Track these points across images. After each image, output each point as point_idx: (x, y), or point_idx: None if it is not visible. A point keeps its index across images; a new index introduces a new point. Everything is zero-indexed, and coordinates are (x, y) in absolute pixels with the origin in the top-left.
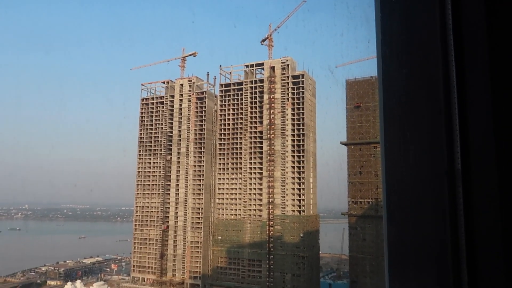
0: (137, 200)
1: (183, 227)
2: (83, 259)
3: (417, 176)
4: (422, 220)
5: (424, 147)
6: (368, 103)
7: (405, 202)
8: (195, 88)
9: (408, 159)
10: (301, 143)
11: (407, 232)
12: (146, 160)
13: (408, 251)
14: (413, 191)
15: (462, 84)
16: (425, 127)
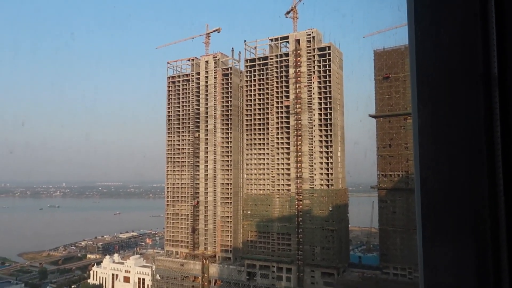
0: (168, 177)
1: (213, 203)
2: (119, 234)
3: (452, 149)
4: (457, 191)
5: (459, 120)
6: (398, 74)
7: (438, 173)
8: (220, 64)
9: (442, 130)
10: (328, 117)
11: (440, 203)
12: (175, 138)
13: (442, 222)
14: (447, 163)
15: (503, 53)
16: (461, 98)
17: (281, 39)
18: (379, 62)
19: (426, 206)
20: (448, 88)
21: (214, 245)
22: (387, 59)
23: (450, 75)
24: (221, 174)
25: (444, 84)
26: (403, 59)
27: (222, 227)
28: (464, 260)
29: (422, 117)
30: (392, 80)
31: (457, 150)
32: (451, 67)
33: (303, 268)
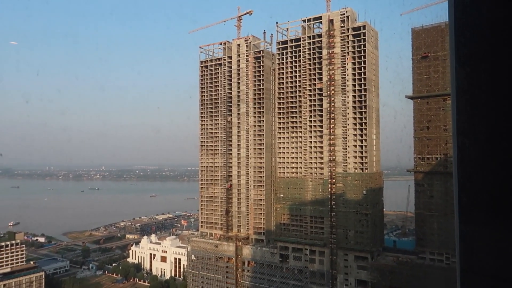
0: (201, 160)
1: (246, 186)
2: (156, 215)
3: (492, 129)
4: (495, 160)
5: (501, 99)
6: (437, 53)
7: (477, 154)
8: (252, 47)
9: (483, 110)
10: (363, 99)
11: (478, 173)
12: (208, 122)
13: (479, 194)
14: (487, 143)
15: None
16: (504, 77)
17: (314, 19)
18: (417, 41)
19: (462, 176)
20: (491, 66)
21: (247, 227)
22: (425, 37)
23: (491, 52)
24: (254, 157)
25: (486, 62)
26: (443, 37)
27: (254, 209)
28: (504, 239)
29: (459, 79)
30: (431, 60)
31: (497, 116)
32: (492, 42)
33: (336, 252)
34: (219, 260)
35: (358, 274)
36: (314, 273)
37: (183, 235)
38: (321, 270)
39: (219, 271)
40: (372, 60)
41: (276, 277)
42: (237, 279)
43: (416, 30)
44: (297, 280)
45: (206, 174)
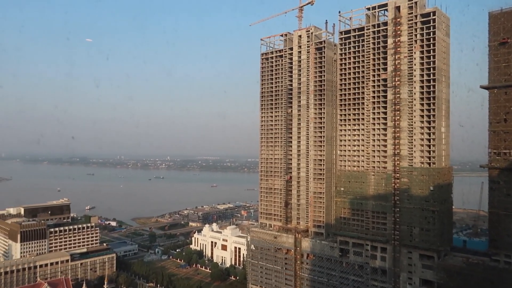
0: (261, 152)
1: (306, 178)
2: (217, 205)
3: None
4: None
5: None
6: None
7: None
8: (313, 38)
9: None
10: (431, 90)
11: None
12: (268, 114)
13: None
14: None
15: None
16: None
17: (379, 7)
18: (494, 26)
19: None
20: None
21: (307, 220)
22: (505, 22)
23: None
24: (314, 150)
25: None
26: None
27: (314, 202)
28: None
29: None
30: (510, 46)
31: None
32: None
33: (400, 249)
34: (278, 251)
35: (423, 274)
36: (375, 269)
37: (243, 225)
38: (383, 267)
39: (278, 262)
40: (443, 48)
41: (336, 271)
42: (296, 271)
43: (494, 14)
44: (357, 276)
45: (266, 165)
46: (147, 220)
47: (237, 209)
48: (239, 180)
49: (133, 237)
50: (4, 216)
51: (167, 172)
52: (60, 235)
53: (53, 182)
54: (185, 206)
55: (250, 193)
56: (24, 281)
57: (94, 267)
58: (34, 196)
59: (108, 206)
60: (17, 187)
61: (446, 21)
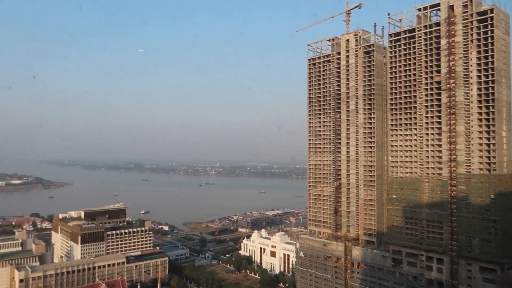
0: (310, 158)
1: (356, 185)
2: (266, 211)
3: None
4: None
5: None
6: None
7: None
8: (361, 42)
9: None
10: (490, 91)
11: None
12: (316, 120)
13: None
14: None
15: None
16: None
17: (431, 7)
18: None
19: None
20: None
21: (357, 227)
22: None
23: None
24: (364, 156)
25: None
26: None
27: (365, 210)
28: None
29: None
30: None
31: None
32: None
33: (457, 260)
34: (327, 259)
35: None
36: (431, 281)
37: (291, 232)
38: (439, 279)
39: (328, 270)
40: (502, 47)
41: (388, 281)
42: (346, 280)
43: None
44: (411, 287)
45: (315, 172)
46: (198, 225)
47: (285, 216)
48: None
49: (185, 242)
50: (66, 219)
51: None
52: (116, 238)
53: (110, 187)
54: (234, 212)
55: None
56: (84, 281)
57: (148, 269)
58: (93, 200)
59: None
60: (77, 191)
61: (506, 18)
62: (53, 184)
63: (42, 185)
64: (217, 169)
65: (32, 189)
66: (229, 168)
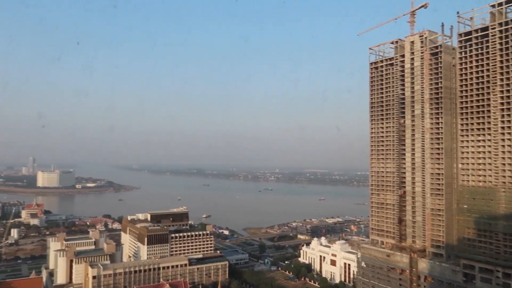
0: (372, 165)
1: (422, 193)
2: (326, 218)
3: None
4: None
5: None
6: None
7: None
8: (427, 43)
9: None
10: None
11: None
12: (379, 125)
13: None
14: None
15: None
16: None
17: (506, 3)
18: None
19: None
20: None
21: (423, 238)
22: None
23: None
24: (431, 163)
25: None
26: None
27: (432, 220)
28: None
29: None
30: None
31: None
32: None
33: None
34: (391, 270)
35: None
36: None
37: (352, 241)
38: None
39: (391, 282)
40: None
41: None
42: None
43: None
44: None
45: (377, 179)
46: (257, 230)
47: (346, 224)
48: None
49: (244, 246)
50: (134, 220)
51: (276, 184)
52: (179, 240)
53: (174, 191)
54: (292, 218)
55: (360, 208)
56: (150, 281)
57: (209, 272)
58: (158, 204)
59: (221, 215)
60: (144, 195)
61: None
62: (123, 187)
63: (113, 188)
64: (276, 175)
65: (104, 192)
66: (288, 174)
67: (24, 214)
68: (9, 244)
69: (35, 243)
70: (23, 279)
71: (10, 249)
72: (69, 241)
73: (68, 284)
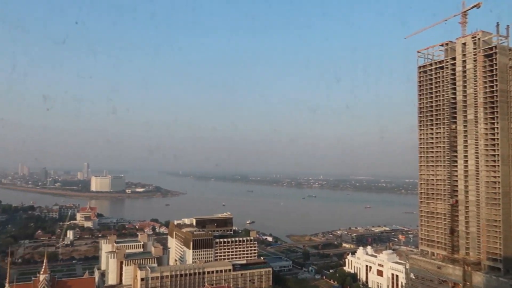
0: (421, 172)
1: (476, 203)
2: (372, 227)
3: None
4: None
5: None
6: None
7: None
8: (481, 44)
9: None
10: None
11: None
12: (428, 131)
13: None
14: None
15: None
16: None
17: None
18: None
19: None
20: None
21: (478, 250)
22: None
23: None
24: (485, 170)
25: None
26: None
27: (488, 231)
28: None
29: None
30: None
31: None
32: None
33: None
34: (442, 283)
35: None
36: None
37: (400, 251)
38: None
39: None
40: None
41: None
42: None
43: None
44: None
45: (427, 187)
46: (301, 237)
47: (393, 233)
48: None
49: (287, 254)
50: (180, 225)
51: (320, 191)
52: (224, 245)
53: (219, 197)
54: (337, 226)
55: (408, 217)
56: (195, 285)
57: (253, 278)
58: (203, 209)
59: (265, 221)
60: (190, 200)
61: None
62: (169, 192)
63: (160, 193)
64: (320, 182)
65: (152, 196)
66: (332, 181)
67: (79, 217)
68: (65, 245)
69: (88, 245)
70: (77, 279)
71: (66, 249)
72: (119, 244)
73: (119, 285)
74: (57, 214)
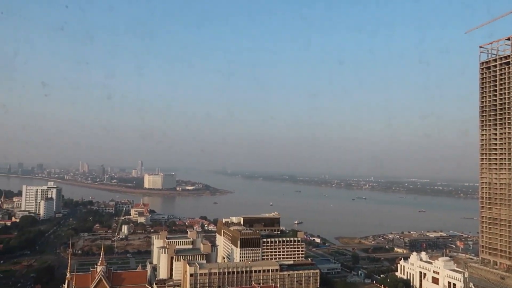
0: (483, 175)
1: None
2: (426, 232)
3: None
4: None
5: None
6: None
7: None
8: None
9: None
10: None
11: None
12: (491, 132)
13: None
14: None
15: None
16: None
17: None
18: None
19: None
20: None
21: None
22: None
23: None
24: None
25: None
26: None
27: None
28: None
29: None
30: None
31: None
32: None
33: None
34: None
35: None
36: None
37: (458, 258)
38: None
39: None
40: None
41: None
42: None
43: None
44: None
45: (489, 191)
46: (350, 240)
47: (451, 239)
48: (453, 206)
49: (336, 256)
50: (228, 223)
51: (370, 193)
52: (271, 245)
53: (266, 197)
54: (388, 230)
55: (467, 222)
56: (242, 283)
57: (300, 279)
58: (251, 208)
59: (313, 222)
60: (238, 199)
61: None
62: (218, 191)
63: (209, 191)
64: (371, 183)
65: (201, 194)
66: (384, 183)
67: (133, 212)
68: (120, 239)
69: (141, 239)
70: (131, 272)
71: (121, 243)
72: (170, 239)
73: (169, 279)
74: (113, 209)
